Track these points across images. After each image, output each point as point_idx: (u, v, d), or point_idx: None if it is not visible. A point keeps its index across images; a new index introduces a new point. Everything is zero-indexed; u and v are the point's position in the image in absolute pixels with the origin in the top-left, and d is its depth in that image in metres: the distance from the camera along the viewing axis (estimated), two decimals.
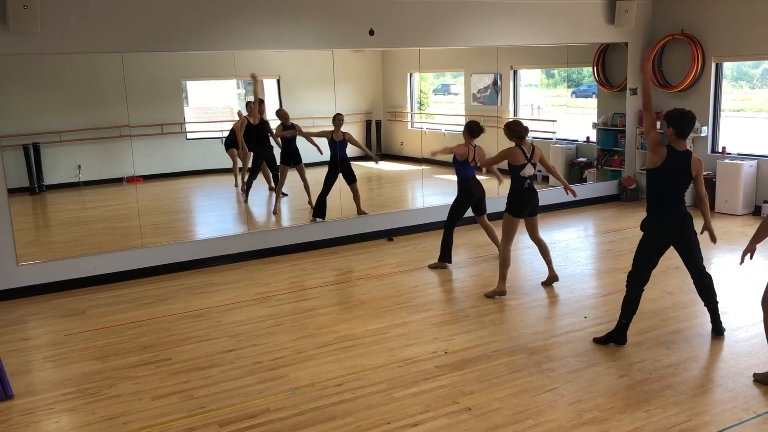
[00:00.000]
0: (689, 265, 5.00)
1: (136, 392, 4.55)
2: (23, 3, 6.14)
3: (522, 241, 7.35)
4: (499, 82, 10.96)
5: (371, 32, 8.14)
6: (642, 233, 4.91)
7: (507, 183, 6.37)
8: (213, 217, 9.81)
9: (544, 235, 6.58)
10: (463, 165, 7.00)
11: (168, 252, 7.46)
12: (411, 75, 11.30)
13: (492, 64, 10.60)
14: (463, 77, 11.57)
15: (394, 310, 5.97)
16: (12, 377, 4.70)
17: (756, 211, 9.14)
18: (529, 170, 6.15)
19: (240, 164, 9.85)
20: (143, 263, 7.29)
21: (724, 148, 9.58)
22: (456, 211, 7.18)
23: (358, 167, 8.93)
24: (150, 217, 8.42)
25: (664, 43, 9.87)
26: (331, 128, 8.62)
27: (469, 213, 7.33)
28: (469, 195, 7.08)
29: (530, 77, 11.67)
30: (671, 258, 5.26)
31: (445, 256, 7.21)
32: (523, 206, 6.17)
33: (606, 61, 10.60)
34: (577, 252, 7.72)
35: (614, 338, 5.01)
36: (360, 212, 8.77)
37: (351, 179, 8.76)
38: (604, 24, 9.71)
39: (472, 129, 6.96)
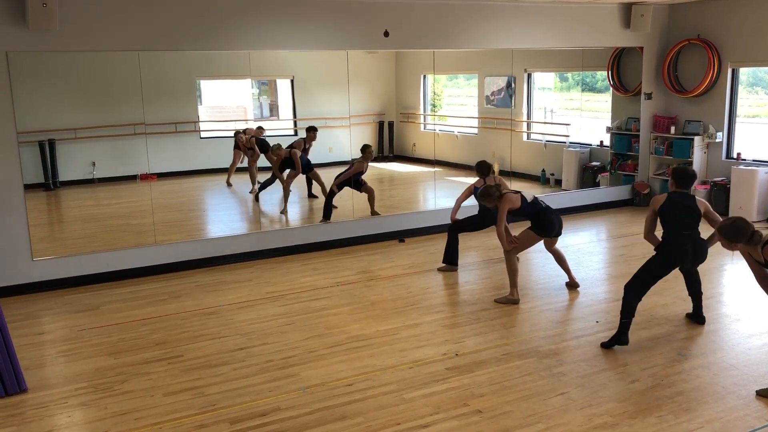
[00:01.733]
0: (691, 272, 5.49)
1: (148, 388, 4.59)
2: (42, 0, 6.20)
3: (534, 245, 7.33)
4: (512, 85, 10.94)
5: (386, 33, 8.16)
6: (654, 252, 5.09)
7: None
8: (225, 215, 9.86)
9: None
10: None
11: (181, 249, 7.51)
12: (425, 77, 11.30)
13: (506, 67, 10.58)
14: (477, 79, 11.56)
15: (405, 312, 5.97)
16: (26, 371, 4.76)
17: None
18: (527, 194, 6.16)
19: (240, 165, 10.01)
20: (156, 260, 7.35)
21: (738, 154, 9.51)
22: (471, 222, 7.17)
23: (370, 168, 8.93)
24: (163, 215, 8.47)
25: (680, 48, 9.82)
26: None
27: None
28: (487, 213, 7.08)
29: (544, 80, 11.63)
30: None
31: (452, 259, 7.20)
32: (550, 227, 6.16)
33: (621, 65, 10.55)
34: (589, 256, 7.70)
35: (618, 339, 5.00)
36: (373, 213, 8.78)
37: (357, 187, 8.78)
38: (620, 28, 9.68)
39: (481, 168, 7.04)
